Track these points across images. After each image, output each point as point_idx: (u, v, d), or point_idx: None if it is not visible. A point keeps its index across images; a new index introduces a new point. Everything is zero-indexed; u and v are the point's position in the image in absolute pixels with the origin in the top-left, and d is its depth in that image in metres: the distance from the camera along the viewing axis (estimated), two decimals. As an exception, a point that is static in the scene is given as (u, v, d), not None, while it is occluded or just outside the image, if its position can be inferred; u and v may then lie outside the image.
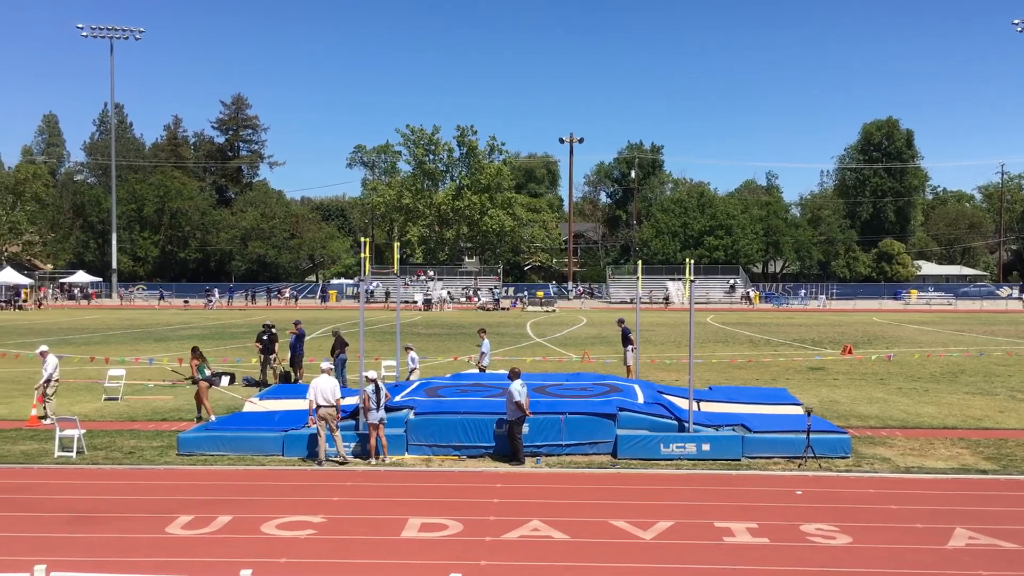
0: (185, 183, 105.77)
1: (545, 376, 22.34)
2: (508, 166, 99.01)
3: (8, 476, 14.93)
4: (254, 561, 9.91)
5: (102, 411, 21.11)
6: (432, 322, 56.00)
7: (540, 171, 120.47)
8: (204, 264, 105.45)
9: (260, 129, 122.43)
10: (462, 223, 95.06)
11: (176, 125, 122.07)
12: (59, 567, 8.02)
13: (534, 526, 12.11)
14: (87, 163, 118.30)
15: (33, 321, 55.32)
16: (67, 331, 46.62)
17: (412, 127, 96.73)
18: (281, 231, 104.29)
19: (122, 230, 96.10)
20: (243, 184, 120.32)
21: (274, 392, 20.93)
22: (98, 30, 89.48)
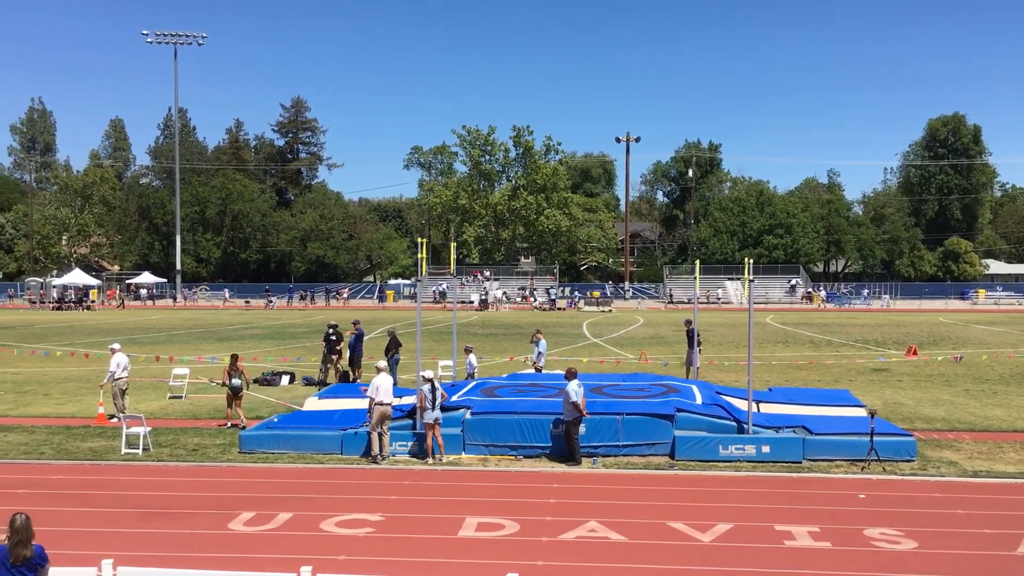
0: (246, 185, 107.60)
1: (602, 376, 22.26)
2: (564, 166, 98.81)
3: (77, 472, 15.34)
4: (314, 558, 10.03)
5: (167, 409, 21.58)
6: (488, 322, 56.15)
7: (596, 171, 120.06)
8: (265, 265, 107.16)
9: (319, 131, 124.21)
10: (518, 223, 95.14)
11: (237, 128, 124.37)
12: (125, 561, 8.21)
13: (591, 527, 12.07)
14: (152, 166, 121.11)
15: (101, 321, 56.77)
16: (133, 331, 47.74)
17: (468, 128, 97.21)
18: (339, 232, 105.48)
19: (186, 232, 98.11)
20: (302, 186, 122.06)
21: (333, 391, 21.17)
22: (162, 36, 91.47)
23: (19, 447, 17.21)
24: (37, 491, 13.96)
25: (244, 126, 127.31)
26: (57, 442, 17.66)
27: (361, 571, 10.19)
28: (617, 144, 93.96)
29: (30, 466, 15.79)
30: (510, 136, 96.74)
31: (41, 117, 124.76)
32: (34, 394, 24.10)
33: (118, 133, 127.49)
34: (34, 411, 21.34)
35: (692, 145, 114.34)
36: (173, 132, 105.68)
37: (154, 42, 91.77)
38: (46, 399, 23.24)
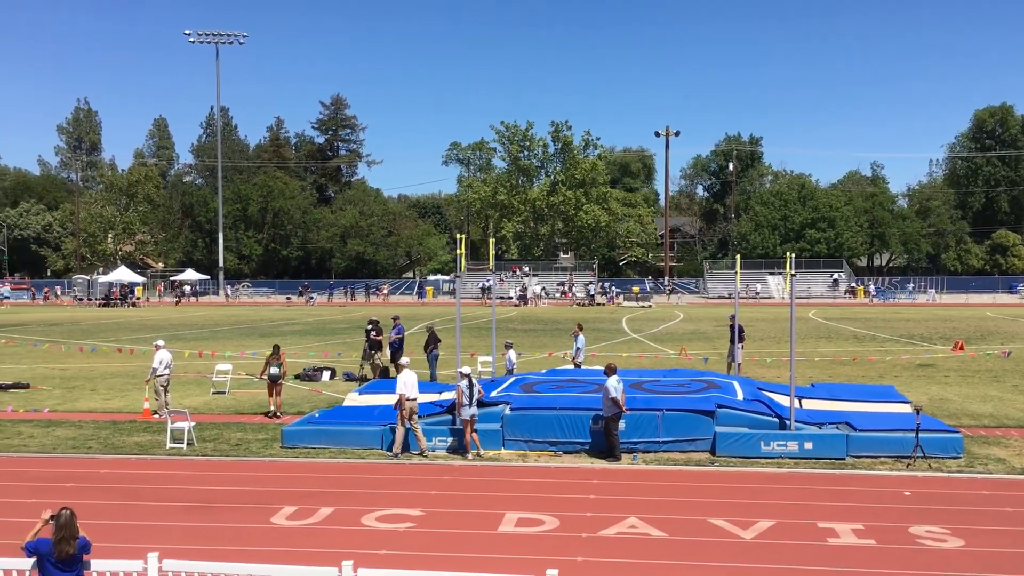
0: (287, 183, 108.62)
1: (641, 372, 22.17)
2: (603, 161, 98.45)
3: (123, 466, 15.60)
4: (355, 552, 10.08)
5: (210, 404, 21.86)
6: (527, 318, 56.16)
7: (635, 165, 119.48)
8: (305, 262, 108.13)
9: (358, 129, 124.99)
10: (557, 219, 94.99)
11: (278, 126, 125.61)
12: (170, 554, 8.32)
13: (631, 523, 12.01)
14: (195, 165, 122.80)
15: (145, 318, 57.69)
16: (177, 327, 48.44)
17: (507, 124, 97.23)
18: (379, 229, 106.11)
19: (228, 229, 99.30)
20: (342, 183, 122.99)
21: (374, 387, 21.32)
22: (204, 36, 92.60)
23: (67, 441, 17.54)
24: (85, 484, 14.22)
25: (285, 124, 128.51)
26: (104, 436, 17.98)
27: (402, 566, 10.23)
28: (656, 138, 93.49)
29: (78, 460, 16.09)
30: (548, 131, 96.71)
31: (87, 117, 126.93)
32: (81, 389, 24.55)
33: (162, 132, 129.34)
34: (82, 406, 21.74)
35: (733, 139, 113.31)
36: (215, 131, 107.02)
37: (196, 42, 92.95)
38: (93, 394, 23.66)
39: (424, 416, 17.37)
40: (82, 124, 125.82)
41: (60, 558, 7.71)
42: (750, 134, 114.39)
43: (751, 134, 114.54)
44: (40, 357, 32.86)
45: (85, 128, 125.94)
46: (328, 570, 7.65)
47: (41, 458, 16.25)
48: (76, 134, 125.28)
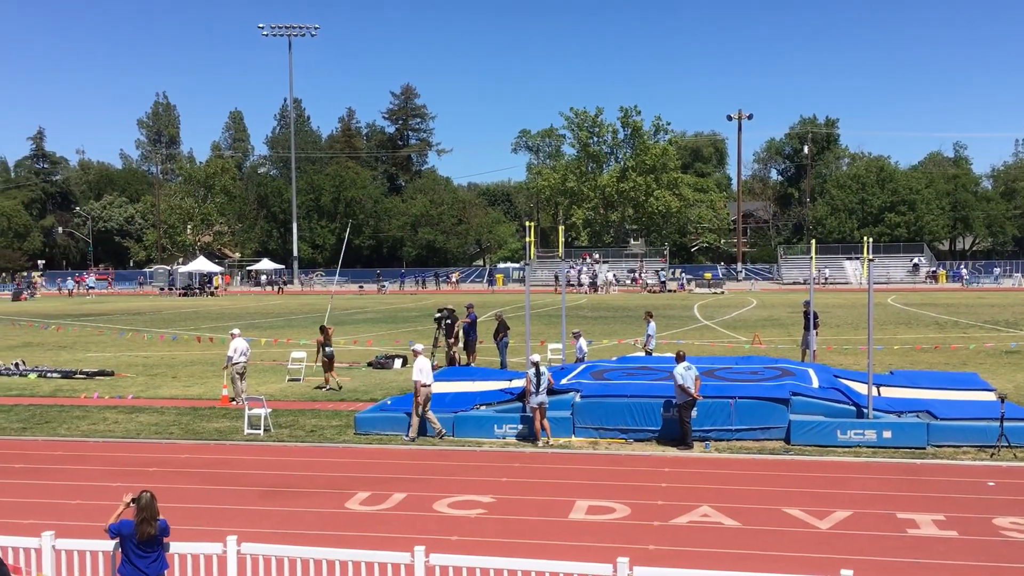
0: (359, 173, 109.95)
1: (714, 359, 21.90)
2: (674, 146, 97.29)
3: (203, 451, 16.02)
4: (427, 538, 10.17)
5: (286, 391, 22.30)
6: (597, 305, 55.95)
7: (707, 150, 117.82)
8: (377, 251, 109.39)
9: (428, 118, 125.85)
10: (627, 205, 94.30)
11: (350, 117, 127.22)
12: (248, 538, 8.51)
13: (704, 512, 11.89)
14: (269, 156, 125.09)
15: (224, 307, 59.10)
16: (254, 315, 49.52)
17: (576, 110, 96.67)
18: (449, 217, 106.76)
19: (302, 219, 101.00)
20: (412, 172, 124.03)
21: (444, 374, 21.46)
22: (277, 29, 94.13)
23: (150, 427, 18.08)
24: (166, 469, 14.64)
25: (356, 114, 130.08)
26: (185, 422, 18.48)
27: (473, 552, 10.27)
28: (728, 122, 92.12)
29: (160, 445, 16.57)
30: (618, 117, 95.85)
31: (166, 111, 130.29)
32: (163, 377, 25.27)
33: (237, 125, 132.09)
34: (163, 393, 22.38)
35: (807, 121, 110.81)
36: (289, 122, 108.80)
37: (270, 35, 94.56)
38: (174, 381, 24.34)
39: (494, 403, 17.46)
40: (161, 118, 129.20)
41: (142, 539, 7.94)
42: (826, 116, 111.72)
43: (827, 116, 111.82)
44: (124, 345, 33.94)
45: (164, 122, 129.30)
46: (401, 555, 7.74)
47: (125, 443, 16.78)
48: (156, 128, 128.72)
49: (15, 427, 18.24)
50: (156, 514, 8.01)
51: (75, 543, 8.56)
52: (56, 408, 20.30)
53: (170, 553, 8.22)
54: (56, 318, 48.43)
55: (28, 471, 14.64)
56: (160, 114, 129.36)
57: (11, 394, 22.44)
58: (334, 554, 8.06)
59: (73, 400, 21.40)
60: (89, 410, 20.02)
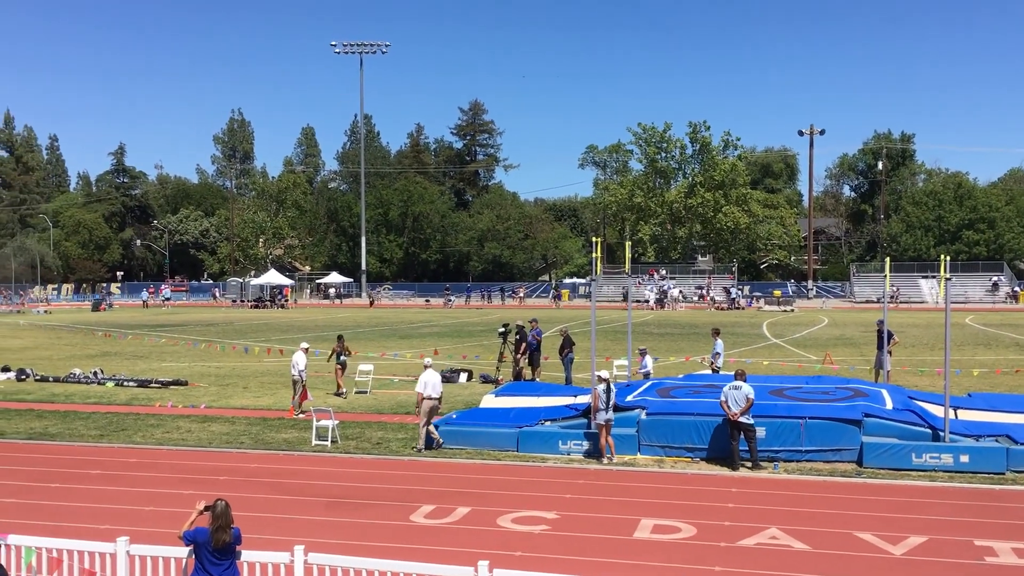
0: (426, 187, 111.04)
1: (783, 378, 21.51)
2: (743, 161, 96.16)
3: (272, 461, 16.28)
4: (490, 553, 10.18)
5: (353, 403, 22.56)
6: (664, 321, 55.46)
7: (777, 165, 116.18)
8: (444, 265, 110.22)
9: (495, 133, 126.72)
10: (695, 221, 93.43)
11: (418, 133, 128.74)
12: (315, 548, 8.62)
13: (772, 534, 11.66)
14: (340, 171, 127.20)
15: (294, 319, 60.10)
16: (322, 328, 50.25)
17: (643, 125, 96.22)
18: (515, 232, 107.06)
19: (370, 233, 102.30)
20: (479, 187, 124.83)
21: (509, 389, 21.48)
22: (349, 46, 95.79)
23: (221, 436, 18.45)
24: (236, 478, 14.91)
25: (424, 130, 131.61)
26: (255, 432, 18.82)
27: (537, 568, 10.26)
28: (800, 137, 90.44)
29: (231, 454, 16.89)
30: (686, 132, 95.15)
31: (240, 127, 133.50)
32: (234, 387, 25.79)
33: (309, 140, 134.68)
34: (234, 403, 22.83)
35: (882, 136, 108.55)
36: (359, 138, 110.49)
37: (341, 52, 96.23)
38: (245, 392, 24.81)
39: (559, 419, 17.41)
40: (236, 134, 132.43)
41: (217, 547, 8.09)
42: (901, 131, 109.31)
43: (902, 131, 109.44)
44: (198, 356, 34.74)
45: (239, 138, 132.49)
46: (464, 569, 7.75)
47: (197, 451, 17.15)
48: (231, 144, 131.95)
49: (93, 434, 18.79)
50: (231, 522, 8.16)
51: (149, 549, 8.77)
52: (132, 416, 20.86)
53: (240, 561, 8.37)
54: (133, 328, 49.82)
55: (104, 477, 15.06)
56: (235, 130, 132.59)
57: (90, 402, 23.14)
58: (399, 566, 8.10)
59: (148, 409, 21.96)
60: (163, 419, 20.53)
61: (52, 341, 42.39)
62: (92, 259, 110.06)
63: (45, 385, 26.39)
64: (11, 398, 23.80)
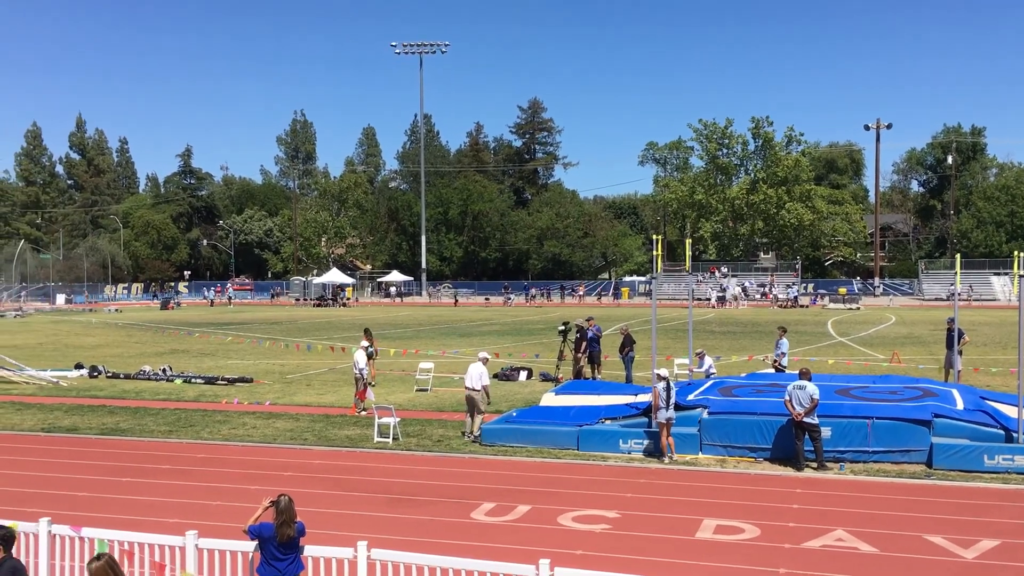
0: (486, 186, 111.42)
1: (849, 378, 21.12)
2: (807, 157, 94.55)
3: (334, 458, 16.49)
4: (551, 551, 10.16)
5: (414, 401, 22.73)
6: (726, 320, 54.83)
7: (842, 161, 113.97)
8: (503, 263, 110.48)
9: (555, 131, 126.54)
10: (757, 218, 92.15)
11: (478, 131, 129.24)
12: (377, 544, 8.69)
13: (838, 535, 11.45)
14: (400, 171, 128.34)
15: (355, 317, 60.79)
16: (383, 326, 50.73)
17: (704, 121, 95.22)
18: (575, 230, 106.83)
19: (430, 232, 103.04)
20: (539, 185, 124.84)
21: (569, 388, 21.44)
22: (410, 47, 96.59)
23: (286, 433, 18.75)
24: (300, 474, 15.14)
25: (484, 129, 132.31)
26: (318, 429, 19.08)
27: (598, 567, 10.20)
28: (866, 132, 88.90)
29: (294, 450, 17.15)
30: (748, 128, 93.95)
31: (303, 128, 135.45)
32: (298, 384, 26.18)
33: (370, 140, 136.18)
34: (298, 400, 23.18)
35: (951, 130, 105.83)
36: (419, 138, 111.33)
37: (402, 53, 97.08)
38: (308, 389, 25.17)
39: (619, 418, 17.33)
40: (299, 135, 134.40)
41: (282, 541, 8.22)
42: (972, 124, 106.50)
43: (973, 124, 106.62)
44: (262, 354, 35.36)
45: (301, 139, 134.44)
46: (526, 567, 7.74)
47: (263, 447, 17.45)
48: (294, 144, 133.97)
49: (162, 430, 19.24)
50: (294, 517, 8.28)
51: (216, 543, 8.94)
52: (199, 412, 21.31)
53: (304, 555, 8.48)
54: (200, 326, 50.90)
55: (173, 472, 15.40)
56: (298, 131, 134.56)
57: (159, 398, 23.70)
58: (460, 563, 8.13)
59: (215, 405, 22.41)
60: (230, 415, 20.92)
61: (123, 339, 43.54)
62: (160, 259, 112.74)
63: (116, 382, 27.10)
64: (84, 394, 24.50)
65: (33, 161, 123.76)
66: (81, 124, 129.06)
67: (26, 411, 21.80)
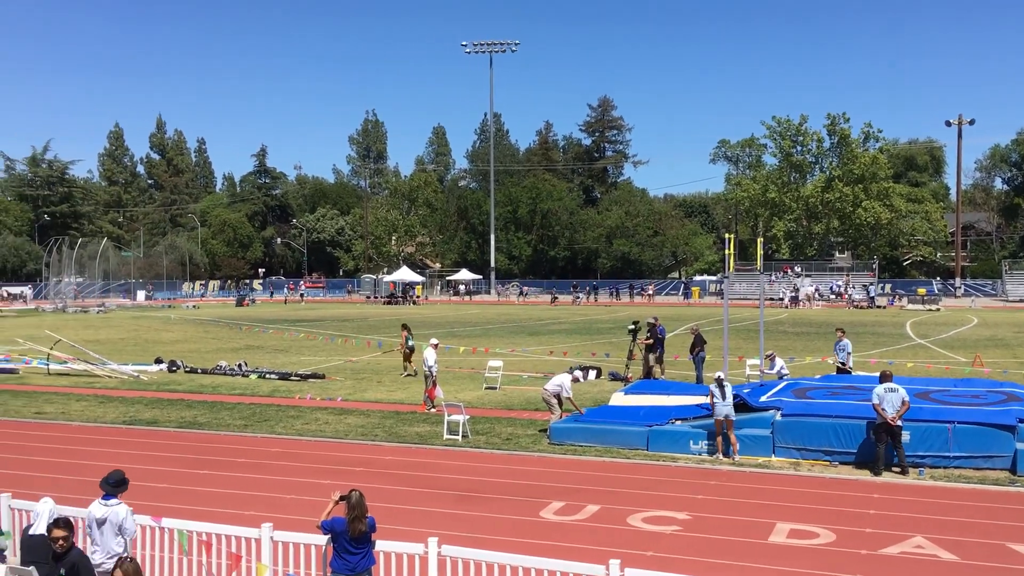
0: (555, 185, 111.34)
1: (929, 381, 20.56)
2: (885, 154, 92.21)
3: (405, 454, 16.64)
4: (621, 552, 10.10)
5: (483, 399, 22.81)
6: (799, 320, 53.83)
7: (922, 158, 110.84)
8: (572, 262, 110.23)
9: (625, 129, 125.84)
10: (832, 216, 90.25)
11: (547, 130, 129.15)
12: (447, 540, 8.75)
13: (917, 542, 11.14)
14: (469, 170, 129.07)
15: (424, 315, 61.31)
16: (453, 324, 51.06)
17: (778, 118, 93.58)
18: (644, 229, 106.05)
19: (499, 231, 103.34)
20: (608, 184, 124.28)
21: (639, 387, 21.29)
22: (479, 46, 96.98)
23: (357, 429, 18.99)
24: (371, 469, 15.31)
25: (553, 127, 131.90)
26: (388, 426, 19.28)
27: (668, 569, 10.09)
28: (947, 128, 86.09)
29: (365, 446, 17.36)
30: (824, 125, 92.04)
31: (374, 128, 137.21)
32: (369, 381, 26.50)
33: (440, 139, 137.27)
34: (369, 396, 23.46)
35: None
36: (488, 136, 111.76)
37: (472, 52, 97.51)
38: (379, 386, 25.47)
39: (690, 418, 17.14)
40: (370, 135, 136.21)
41: (353, 536, 8.33)
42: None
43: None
44: (334, 350, 35.90)
45: (373, 138, 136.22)
46: (596, 567, 7.71)
47: (335, 443, 17.70)
48: (365, 144, 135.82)
49: (238, 424, 19.67)
50: (365, 512, 8.39)
51: (290, 536, 9.11)
52: (274, 407, 21.72)
53: (376, 550, 8.58)
54: (273, 323, 51.89)
55: (249, 465, 15.73)
56: (369, 131, 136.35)
57: (235, 393, 24.24)
58: (530, 562, 8.14)
59: (288, 400, 22.82)
60: (303, 410, 21.29)
61: (200, 335, 44.65)
62: (236, 256, 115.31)
63: (194, 376, 27.80)
64: (164, 388, 25.19)
65: (115, 161, 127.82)
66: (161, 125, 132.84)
67: (109, 404, 22.51)
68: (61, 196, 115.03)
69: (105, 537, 8.66)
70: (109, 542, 8.65)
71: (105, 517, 8.67)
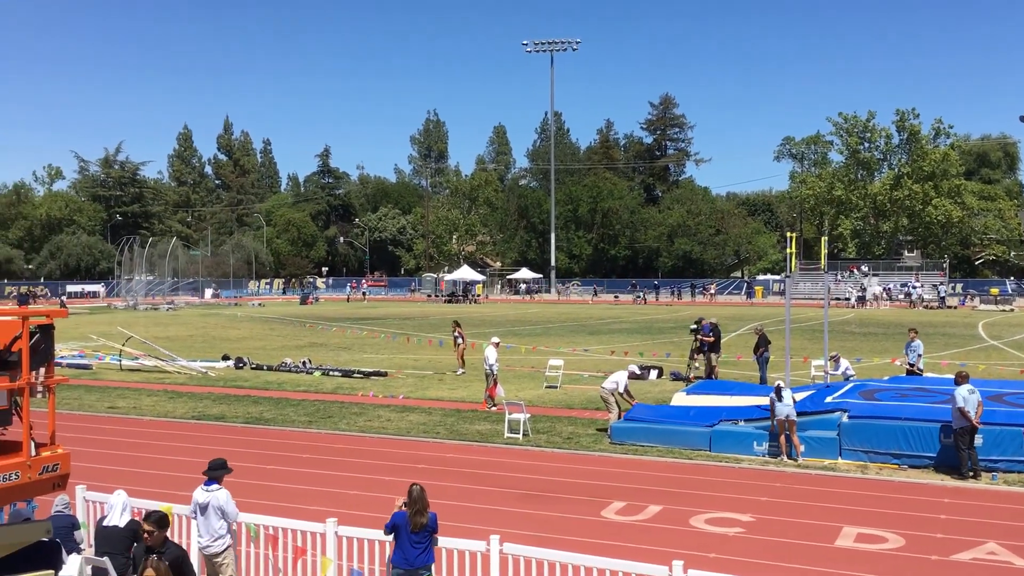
0: (615, 183, 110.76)
1: (1003, 383, 19.99)
2: (956, 151, 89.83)
3: (466, 452, 16.73)
4: (684, 553, 10.02)
5: (543, 398, 22.81)
6: (866, 320, 52.74)
7: (995, 154, 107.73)
8: (632, 261, 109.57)
9: (686, 127, 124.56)
10: (901, 214, 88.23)
11: (608, 128, 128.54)
12: (508, 538, 8.78)
13: (989, 549, 10.85)
14: (530, 168, 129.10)
15: (485, 314, 61.53)
16: (513, 323, 51.14)
17: (844, 115, 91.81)
18: (706, 228, 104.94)
19: (559, 230, 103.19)
20: (670, 182, 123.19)
21: (701, 387, 21.08)
22: (540, 45, 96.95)
23: (419, 426, 19.15)
24: (433, 467, 15.42)
25: (614, 126, 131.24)
26: (450, 423, 19.40)
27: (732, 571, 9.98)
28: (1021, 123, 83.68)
29: (427, 443, 17.50)
30: (892, 121, 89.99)
31: (436, 127, 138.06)
32: (430, 379, 26.69)
33: (500, 139, 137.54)
34: (431, 394, 23.63)
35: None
36: (549, 135, 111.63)
37: (533, 51, 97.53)
38: (440, 384, 25.63)
39: (754, 419, 16.92)
40: (431, 134, 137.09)
41: (415, 530, 8.41)
42: None
43: None
44: (396, 348, 36.23)
45: (434, 138, 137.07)
46: (659, 568, 7.67)
47: (397, 440, 17.88)
48: (426, 144, 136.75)
49: (303, 420, 19.98)
50: (427, 506, 8.46)
51: (354, 531, 9.23)
52: (337, 404, 22.02)
53: (438, 546, 8.65)
54: (336, 321, 52.58)
55: (314, 461, 15.97)
56: (430, 130, 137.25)
57: (299, 389, 24.62)
58: (592, 561, 8.12)
59: (352, 397, 23.11)
60: (365, 407, 21.53)
61: (266, 332, 45.45)
62: (300, 255, 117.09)
63: (260, 373, 28.31)
64: (231, 384, 25.70)
65: (184, 162, 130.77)
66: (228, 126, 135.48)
67: (178, 399, 23.06)
68: (132, 196, 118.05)
69: (209, 520, 9.15)
70: (213, 524, 9.14)
71: (207, 502, 9.16)
